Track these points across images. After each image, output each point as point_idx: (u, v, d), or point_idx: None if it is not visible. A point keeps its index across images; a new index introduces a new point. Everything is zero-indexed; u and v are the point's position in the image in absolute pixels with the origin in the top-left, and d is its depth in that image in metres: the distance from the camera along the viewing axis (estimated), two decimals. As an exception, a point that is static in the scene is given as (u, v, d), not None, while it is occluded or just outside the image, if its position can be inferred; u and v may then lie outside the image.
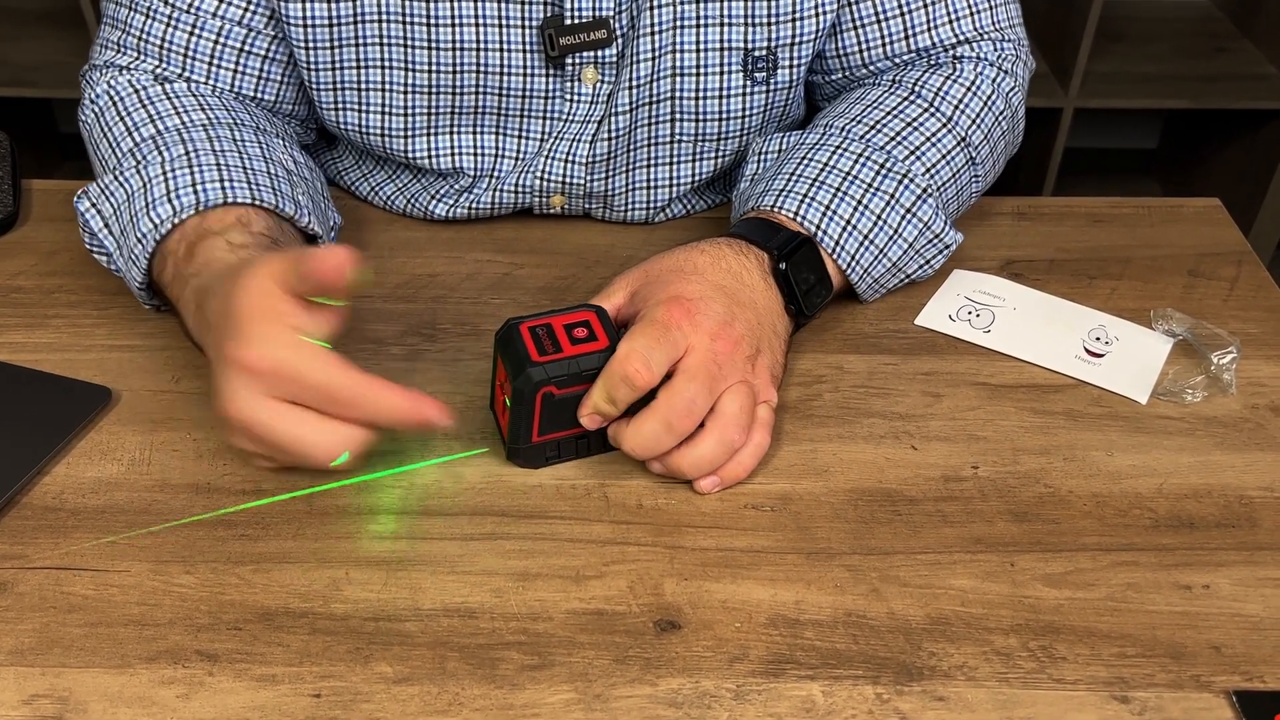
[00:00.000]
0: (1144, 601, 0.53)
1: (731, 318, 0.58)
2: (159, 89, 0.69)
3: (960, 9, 0.74)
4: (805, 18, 0.71)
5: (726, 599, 0.53)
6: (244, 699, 0.49)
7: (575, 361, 0.56)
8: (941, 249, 0.70)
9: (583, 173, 0.74)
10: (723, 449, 0.57)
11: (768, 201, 0.67)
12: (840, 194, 0.66)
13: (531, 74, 0.71)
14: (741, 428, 0.57)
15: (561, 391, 0.56)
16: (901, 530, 0.57)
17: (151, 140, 0.66)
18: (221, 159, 0.65)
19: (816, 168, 0.67)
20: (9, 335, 0.68)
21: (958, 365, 0.67)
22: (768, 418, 0.59)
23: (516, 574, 0.54)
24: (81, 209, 0.67)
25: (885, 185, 0.67)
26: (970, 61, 0.74)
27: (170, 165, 0.64)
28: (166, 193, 0.63)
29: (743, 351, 0.58)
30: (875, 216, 0.67)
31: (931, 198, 0.68)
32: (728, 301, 0.59)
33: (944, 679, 0.50)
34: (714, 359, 0.57)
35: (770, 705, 0.49)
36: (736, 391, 0.57)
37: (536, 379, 0.55)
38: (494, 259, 0.76)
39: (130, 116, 0.68)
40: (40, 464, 0.59)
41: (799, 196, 0.66)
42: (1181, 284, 0.74)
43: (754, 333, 0.60)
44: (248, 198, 0.63)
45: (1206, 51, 1.91)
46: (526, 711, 0.48)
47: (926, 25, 0.73)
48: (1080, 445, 0.61)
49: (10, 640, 0.51)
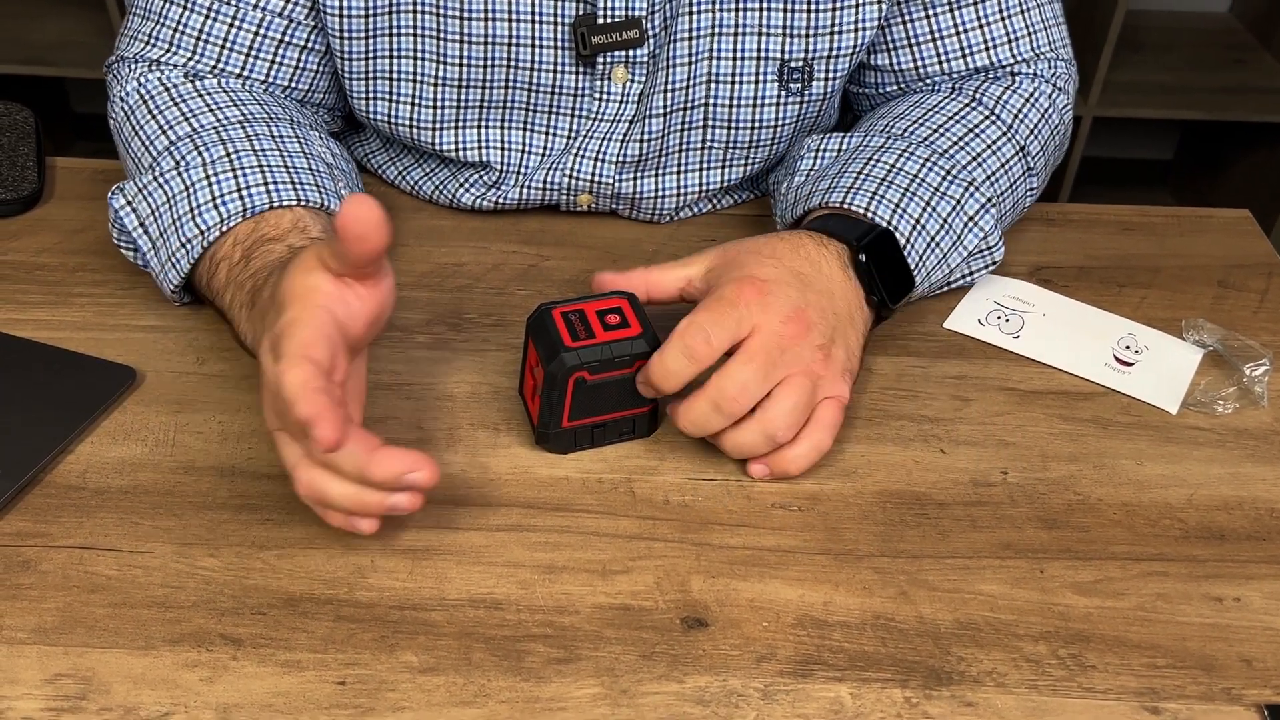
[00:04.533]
0: (1174, 612, 0.53)
1: (805, 304, 0.58)
2: (189, 86, 0.69)
3: (1018, 30, 0.73)
4: (844, 32, 0.71)
5: (754, 598, 0.53)
6: (268, 685, 0.48)
7: (608, 347, 0.56)
8: (990, 261, 0.70)
9: (612, 172, 0.74)
10: (764, 441, 0.56)
11: (836, 198, 0.66)
12: (909, 194, 0.66)
13: (562, 71, 0.70)
14: (789, 425, 0.56)
15: (594, 377, 0.56)
16: (930, 534, 0.56)
17: (189, 139, 0.66)
18: (263, 159, 0.64)
19: (884, 169, 0.67)
20: (33, 312, 0.67)
21: (986, 370, 0.66)
22: (831, 418, 0.58)
23: (542, 566, 0.54)
24: (116, 205, 0.66)
25: (951, 190, 0.67)
26: (1027, 77, 0.74)
27: (212, 168, 0.64)
28: (212, 198, 0.63)
29: (813, 339, 0.57)
30: (941, 220, 0.66)
31: (994, 207, 0.68)
32: (803, 287, 0.58)
33: (973, 684, 0.49)
34: (778, 343, 0.56)
35: (798, 706, 0.48)
36: (794, 386, 0.56)
37: (570, 364, 0.55)
38: (520, 250, 0.75)
39: (162, 114, 0.67)
40: (65, 443, 0.58)
41: (869, 194, 0.65)
42: (1211, 294, 0.73)
43: (828, 321, 0.59)
44: (293, 199, 0.63)
45: (1226, 63, 1.90)
46: (553, 705, 0.48)
47: (985, 45, 0.73)
48: (1110, 454, 0.61)
49: (33, 618, 0.50)
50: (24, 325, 0.66)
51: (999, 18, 0.72)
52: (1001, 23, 0.72)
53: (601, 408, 0.57)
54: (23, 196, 0.76)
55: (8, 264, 0.71)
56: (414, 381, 0.64)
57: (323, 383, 0.45)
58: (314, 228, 0.62)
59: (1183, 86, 1.83)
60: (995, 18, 0.72)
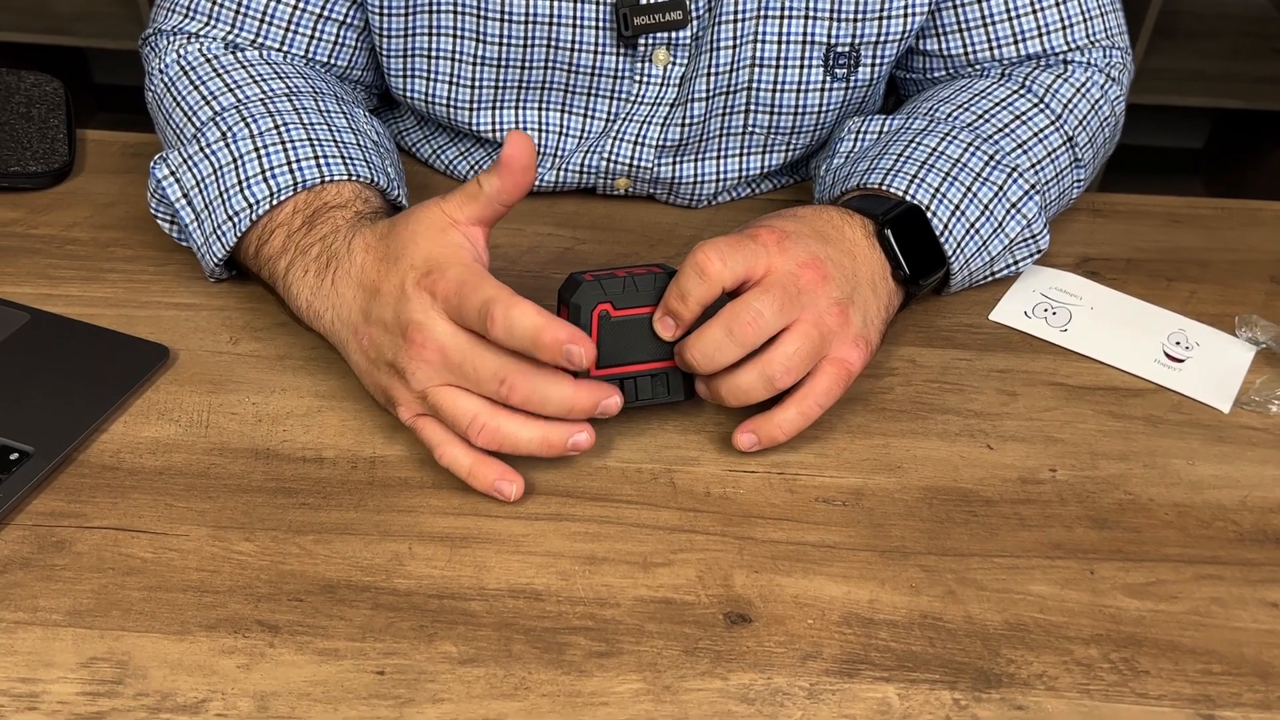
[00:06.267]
0: (1229, 617, 0.52)
1: (824, 256, 0.56)
2: (231, 58, 0.68)
3: (1073, 16, 0.71)
4: (893, 17, 0.69)
5: (798, 594, 0.52)
6: (306, 673, 0.47)
7: (631, 280, 0.54)
8: (1035, 251, 0.68)
9: (652, 156, 0.73)
10: (762, 384, 0.55)
11: (874, 179, 0.65)
12: (950, 179, 0.64)
13: (602, 52, 0.69)
14: (788, 370, 0.54)
15: (619, 312, 0.54)
16: (978, 532, 0.55)
17: (235, 110, 0.64)
18: (312, 133, 0.63)
19: (925, 152, 0.65)
20: (65, 288, 0.66)
21: (1034, 364, 0.65)
22: (827, 385, 0.56)
23: (583, 557, 0.53)
24: (159, 175, 0.65)
25: (994, 176, 0.65)
26: (1080, 66, 0.72)
27: (260, 140, 0.62)
28: (260, 171, 0.62)
29: (830, 291, 0.56)
30: (982, 207, 0.65)
31: (1038, 194, 0.67)
32: (822, 242, 0.57)
33: (1023, 687, 0.48)
34: (795, 282, 0.54)
35: (845, 706, 0.47)
36: (802, 331, 0.55)
37: (592, 294, 0.54)
38: (555, 233, 0.74)
39: (205, 85, 0.66)
40: (98, 422, 0.57)
41: (908, 176, 0.64)
42: (1264, 290, 0.71)
43: (848, 280, 0.57)
44: (344, 174, 0.62)
45: (1262, 52, 1.87)
46: (594, 700, 0.47)
47: (1038, 31, 0.71)
48: (1161, 452, 0.60)
49: (69, 600, 0.50)
50: (56, 301, 0.65)
51: (1053, 3, 0.71)
52: (1056, 8, 0.71)
53: (630, 354, 0.55)
54: (54, 169, 0.75)
55: (39, 238, 0.70)
56: (450, 365, 0.63)
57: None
58: (375, 199, 0.62)
59: (1218, 75, 1.80)
60: (1049, 3, 0.71)
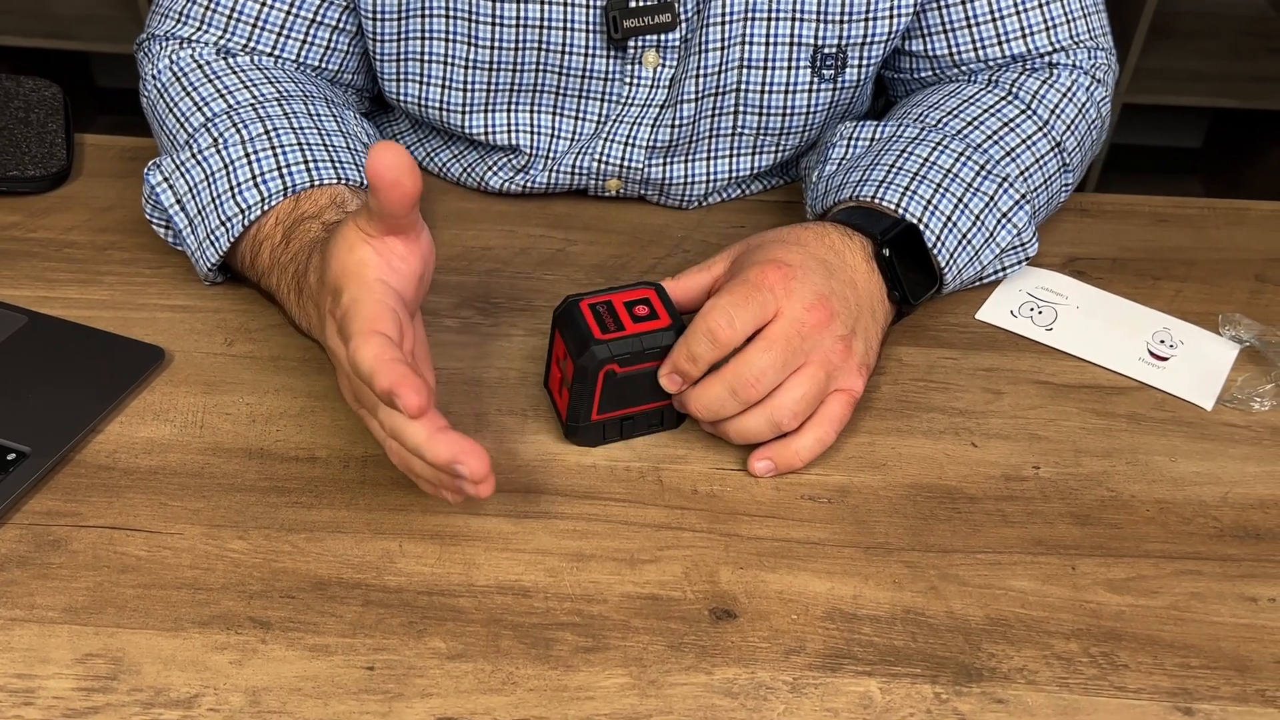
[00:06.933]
0: (1208, 612, 0.52)
1: (830, 292, 0.57)
2: (223, 63, 0.68)
3: (1056, 17, 0.72)
4: (879, 18, 0.70)
5: (783, 590, 0.52)
6: (297, 668, 0.48)
7: (639, 340, 0.55)
8: (1022, 258, 0.69)
9: (642, 157, 0.73)
10: (769, 428, 0.56)
11: (867, 191, 0.65)
12: (942, 190, 0.65)
13: (592, 55, 0.70)
14: (795, 414, 0.56)
15: (624, 370, 0.55)
16: (961, 528, 0.56)
17: (225, 116, 0.65)
18: (302, 137, 0.64)
19: (917, 162, 0.66)
20: (63, 290, 0.67)
21: (1019, 362, 0.66)
22: (838, 412, 0.58)
23: (570, 554, 0.54)
24: (153, 182, 0.66)
25: (985, 187, 0.66)
26: (1065, 68, 0.72)
27: (250, 145, 0.63)
28: (252, 176, 0.62)
29: (835, 329, 0.57)
30: (974, 217, 0.65)
31: (1028, 203, 0.67)
32: (827, 275, 0.58)
33: (1004, 681, 0.49)
34: (800, 330, 0.55)
35: (827, 700, 0.48)
36: (809, 374, 0.56)
37: (601, 357, 0.54)
38: (548, 234, 0.75)
39: (197, 91, 0.67)
40: (94, 422, 0.58)
41: (900, 189, 0.65)
42: (1248, 289, 0.72)
43: (851, 312, 0.58)
44: (333, 177, 0.63)
45: (1260, 51, 1.87)
46: (580, 694, 0.48)
47: (1021, 32, 0.72)
48: (1143, 450, 0.60)
49: (64, 598, 0.51)
50: (53, 304, 0.66)
51: (1036, 4, 0.71)
52: (1039, 9, 0.71)
53: (630, 400, 0.57)
54: (51, 174, 0.76)
55: (37, 241, 0.71)
56: (441, 366, 0.63)
57: (396, 353, 0.45)
58: (351, 204, 0.62)
59: (1215, 74, 1.81)
60: (1032, 4, 0.71)
